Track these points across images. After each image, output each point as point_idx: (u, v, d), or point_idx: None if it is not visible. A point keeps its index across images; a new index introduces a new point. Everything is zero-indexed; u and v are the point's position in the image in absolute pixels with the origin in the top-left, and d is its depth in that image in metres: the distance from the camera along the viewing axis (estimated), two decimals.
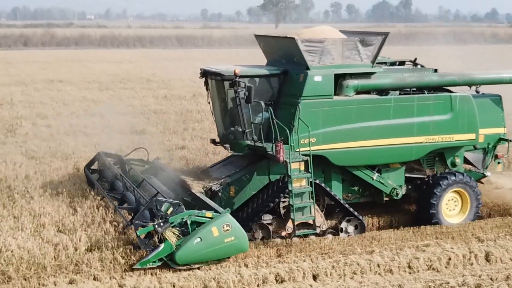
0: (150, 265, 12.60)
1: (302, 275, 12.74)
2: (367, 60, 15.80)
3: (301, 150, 14.84)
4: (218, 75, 15.34)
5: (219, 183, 15.30)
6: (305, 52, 15.15)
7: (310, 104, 15.10)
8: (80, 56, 68.45)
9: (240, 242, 13.12)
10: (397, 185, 16.36)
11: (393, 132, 15.81)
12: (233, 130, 15.59)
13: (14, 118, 29.23)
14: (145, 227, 12.84)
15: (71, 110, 31.22)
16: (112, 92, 38.51)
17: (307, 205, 14.52)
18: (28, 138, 24.53)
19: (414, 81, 16.54)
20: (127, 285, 12.01)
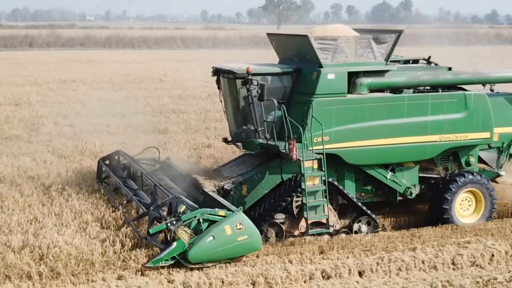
0: (162, 263, 12.42)
1: (348, 272, 12.71)
2: (380, 58, 15.63)
3: (314, 149, 14.67)
4: (230, 73, 15.17)
5: (231, 182, 15.17)
6: (318, 50, 14.98)
7: (323, 102, 14.94)
8: (87, 57, 68.62)
9: (253, 240, 12.92)
10: (411, 185, 16.19)
11: (407, 130, 15.62)
12: (245, 129, 15.44)
13: (34, 117, 29.31)
14: (158, 226, 12.72)
15: (90, 110, 31.19)
16: (127, 92, 38.54)
17: (321, 204, 14.38)
18: (52, 137, 24.54)
19: (428, 79, 16.38)
20: (176, 280, 12.01)
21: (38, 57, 67.98)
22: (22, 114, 30.15)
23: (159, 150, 18.07)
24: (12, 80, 45.08)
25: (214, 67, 15.97)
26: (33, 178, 18.36)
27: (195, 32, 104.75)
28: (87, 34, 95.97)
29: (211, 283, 11.99)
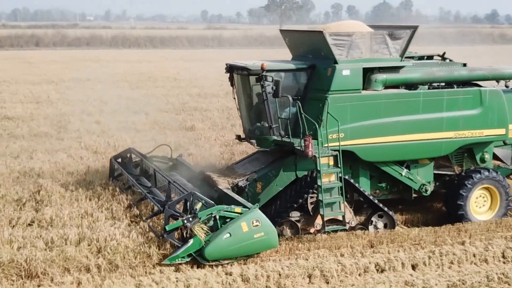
0: (179, 260, 12.32)
1: (401, 265, 12.79)
2: (395, 54, 15.48)
3: (329, 145, 14.52)
4: (244, 70, 15.02)
5: (246, 179, 15.04)
6: (333, 46, 14.81)
7: (338, 98, 14.77)
8: (96, 56, 68.84)
9: (269, 238, 12.81)
10: (426, 181, 16.00)
11: (423, 127, 15.46)
12: (259, 126, 15.30)
13: (58, 115, 29.51)
14: (174, 223, 12.62)
15: (112, 108, 31.39)
16: (145, 91, 38.66)
17: (337, 200, 14.25)
18: (81, 134, 24.73)
19: (444, 75, 16.20)
20: (234, 273, 12.11)
21: (47, 56, 68.17)
22: (45, 112, 30.35)
23: (171, 148, 17.97)
24: (28, 78, 45.32)
25: (228, 64, 15.82)
26: (72, 174, 18.48)
27: (199, 32, 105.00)
28: (93, 34, 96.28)
29: (269, 275, 12.07)
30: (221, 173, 15.92)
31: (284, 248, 13.53)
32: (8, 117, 28.94)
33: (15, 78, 45.20)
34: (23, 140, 23.90)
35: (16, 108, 31.53)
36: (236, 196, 14.09)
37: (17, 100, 34.77)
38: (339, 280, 12.18)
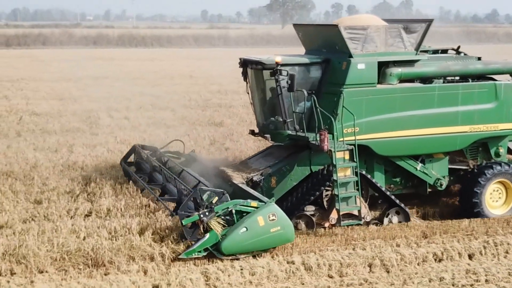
0: (195, 255, 12.20)
1: (458, 254, 12.92)
2: (410, 48, 15.34)
3: (345, 140, 14.36)
4: (259, 64, 14.91)
5: (260, 174, 14.96)
6: (348, 40, 14.67)
7: (353, 92, 14.64)
8: (107, 55, 68.98)
9: (286, 232, 12.68)
10: (441, 176, 15.87)
11: (438, 121, 15.33)
12: (274, 120, 15.21)
13: (85, 111, 29.58)
14: (190, 217, 12.46)
15: (137, 104, 31.54)
16: (165, 88, 38.74)
17: (352, 195, 14.10)
18: (113, 129, 24.93)
19: (459, 69, 16.07)
20: (296, 261, 12.20)
21: (57, 55, 68.41)
22: (72, 108, 30.50)
23: (183, 143, 17.88)
24: (44, 76, 45.56)
25: (242, 58, 15.71)
26: (114, 167, 18.55)
27: (203, 31, 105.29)
28: (100, 33, 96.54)
29: (330, 264, 12.19)
30: (235, 168, 15.84)
31: (340, 239, 13.69)
32: (36, 113, 29.02)
33: (31, 76, 45.41)
34: (56, 135, 24.02)
35: (42, 105, 31.65)
36: (251, 190, 13.99)
37: (40, 97, 34.96)
38: (399, 269, 12.29)
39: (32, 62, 59.23)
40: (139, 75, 46.04)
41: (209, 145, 21.68)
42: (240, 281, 11.55)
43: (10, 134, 24.26)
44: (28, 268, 11.44)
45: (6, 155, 20.29)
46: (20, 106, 31.08)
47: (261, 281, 11.61)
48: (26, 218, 14.06)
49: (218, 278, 11.52)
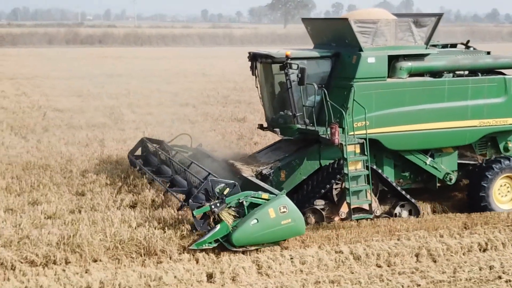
0: (206, 246, 12.13)
1: (502, 245, 13.08)
2: (420, 42, 15.29)
3: (355, 134, 14.31)
4: (268, 58, 14.88)
5: (269, 167, 14.90)
6: (358, 33, 14.61)
7: (364, 86, 14.57)
8: (115, 53, 69.18)
9: (296, 224, 12.58)
10: (450, 170, 15.83)
11: (447, 115, 15.28)
12: (283, 114, 15.17)
13: (106, 107, 29.62)
14: (201, 208, 12.43)
15: (157, 101, 31.62)
16: (180, 85, 38.75)
17: (363, 188, 14.04)
18: (139, 125, 25.03)
19: (468, 63, 16.03)
20: (344, 251, 12.43)
21: (65, 54, 68.51)
22: (93, 104, 30.49)
23: (191, 137, 17.87)
24: (57, 74, 45.58)
25: (251, 52, 15.65)
26: None
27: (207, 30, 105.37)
28: (105, 32, 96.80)
29: (379, 254, 12.38)
30: (244, 161, 15.78)
31: (383, 229, 13.84)
32: (59, 109, 29.04)
33: (45, 74, 45.43)
34: (83, 130, 24.12)
35: (62, 101, 31.63)
36: (261, 183, 13.88)
37: (58, 94, 34.95)
38: (446, 258, 12.47)
39: (41, 60, 59.37)
40: (151, 73, 46.07)
41: (238, 140, 21.78)
42: (291, 270, 11.75)
43: (37, 129, 24.29)
44: (82, 257, 11.61)
45: (39, 149, 20.43)
46: (41, 102, 31.11)
47: (311, 269, 11.80)
48: (72, 209, 14.22)
49: (269, 267, 11.72)
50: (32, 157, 19.10)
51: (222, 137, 21.83)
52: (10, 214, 13.78)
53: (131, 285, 10.80)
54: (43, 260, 11.43)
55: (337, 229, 13.90)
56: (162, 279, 11.04)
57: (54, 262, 11.44)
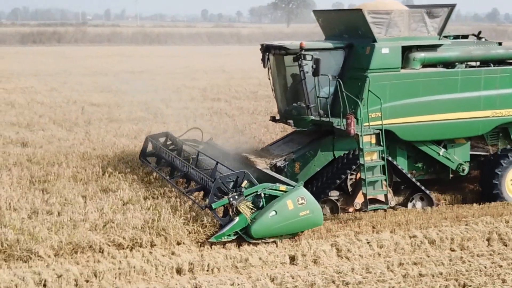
0: (225, 238, 12.05)
1: None
2: (433, 32, 15.18)
3: (370, 125, 14.18)
4: (282, 49, 14.75)
5: (284, 159, 14.81)
6: (372, 24, 14.51)
7: (378, 77, 14.46)
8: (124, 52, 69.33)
9: (314, 215, 12.46)
10: (463, 161, 15.74)
11: (460, 106, 15.20)
12: (296, 106, 15.07)
13: (140, 103, 29.59)
14: (220, 200, 12.31)
15: (189, 96, 31.75)
16: (204, 82, 38.77)
17: (379, 179, 13.92)
18: (179, 118, 24.83)
19: (481, 54, 15.93)
20: (418, 236, 12.66)
21: (79, 52, 68.65)
22: (126, 100, 30.54)
23: (202, 131, 17.81)
24: (79, 71, 45.51)
25: (264, 44, 15.54)
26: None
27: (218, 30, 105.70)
28: (114, 31, 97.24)
29: (452, 238, 12.63)
30: (257, 154, 15.67)
31: (451, 216, 14.15)
32: (94, 104, 29.21)
33: (67, 71, 45.41)
34: (124, 123, 24.17)
35: (95, 97, 31.82)
36: (277, 175, 13.78)
37: (87, 89, 34.98)
38: None
39: (59, 58, 59.40)
40: (172, 70, 46.06)
41: (283, 133, 22.03)
42: (370, 253, 12.00)
43: (79, 122, 24.43)
44: (167, 240, 11.92)
45: (91, 141, 20.60)
46: (74, 98, 31.21)
47: (388, 253, 12.05)
48: (146, 195, 14.34)
49: (349, 250, 11.99)
50: (87, 148, 19.36)
51: (267, 130, 22.06)
52: (87, 200, 14.03)
53: (219, 266, 11.15)
54: (130, 243, 11.76)
55: (405, 215, 14.19)
56: (248, 261, 11.37)
57: (141, 245, 11.77)
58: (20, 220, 12.46)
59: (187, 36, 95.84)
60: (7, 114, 26.50)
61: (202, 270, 11.06)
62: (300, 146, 15.30)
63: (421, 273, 11.12)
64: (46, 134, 21.85)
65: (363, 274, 11.05)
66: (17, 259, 11.08)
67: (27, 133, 22.05)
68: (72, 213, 12.88)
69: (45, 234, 11.66)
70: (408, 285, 10.67)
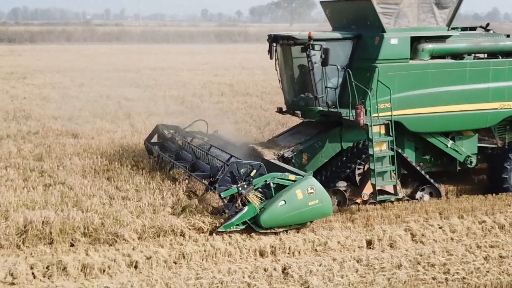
0: (234, 228, 11.91)
1: None
2: (442, 23, 15.06)
3: (379, 115, 14.03)
4: (290, 39, 14.63)
5: (291, 150, 14.68)
6: (381, 14, 14.38)
7: (386, 68, 14.30)
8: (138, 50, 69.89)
9: (324, 205, 12.30)
10: (471, 153, 15.61)
11: (469, 97, 15.04)
12: (304, 97, 14.92)
13: (172, 97, 29.96)
14: (229, 190, 12.17)
15: (218, 91, 32.30)
16: (228, 78, 39.07)
17: (388, 170, 13.78)
18: (218, 112, 25.35)
19: (489, 45, 15.78)
20: (487, 221, 13.08)
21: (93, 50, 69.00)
22: (158, 94, 30.95)
23: (207, 123, 17.69)
24: (100, 68, 45.69)
25: (272, 34, 15.46)
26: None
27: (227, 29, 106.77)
28: (122, 30, 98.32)
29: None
30: (264, 145, 15.55)
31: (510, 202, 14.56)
32: (129, 98, 29.28)
33: (89, 68, 45.44)
34: (164, 116, 24.01)
35: (125, 91, 31.78)
36: (285, 165, 13.63)
37: (115, 84, 34.99)
38: None
39: (74, 55, 59.64)
40: (191, 67, 46.32)
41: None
42: (443, 238, 12.36)
43: (119, 115, 24.49)
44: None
45: (141, 133, 20.73)
46: (107, 93, 31.23)
47: (461, 237, 12.43)
48: None
49: (423, 235, 12.34)
50: (139, 139, 19.43)
51: None
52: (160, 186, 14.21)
53: (300, 249, 11.53)
54: (209, 227, 12.07)
55: (469, 201, 14.54)
56: (327, 244, 11.74)
57: None
58: (101, 205, 12.81)
59: (196, 35, 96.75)
60: (46, 108, 26.55)
61: (283, 252, 11.40)
62: (308, 137, 15.16)
63: (501, 255, 11.47)
64: (94, 127, 22.14)
65: (446, 256, 11.38)
66: (103, 242, 11.44)
67: (73, 126, 22.31)
68: (149, 199, 13.22)
69: (129, 218, 12.03)
70: (492, 265, 11.02)
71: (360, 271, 10.75)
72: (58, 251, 11.04)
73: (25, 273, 10.15)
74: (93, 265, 10.47)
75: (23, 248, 11.15)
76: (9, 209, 12.42)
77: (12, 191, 13.77)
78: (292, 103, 15.48)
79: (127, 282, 10.10)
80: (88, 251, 11.12)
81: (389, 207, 14.10)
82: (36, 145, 19.19)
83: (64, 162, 16.76)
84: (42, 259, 10.62)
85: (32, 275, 10.20)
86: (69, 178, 15.02)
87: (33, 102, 28.57)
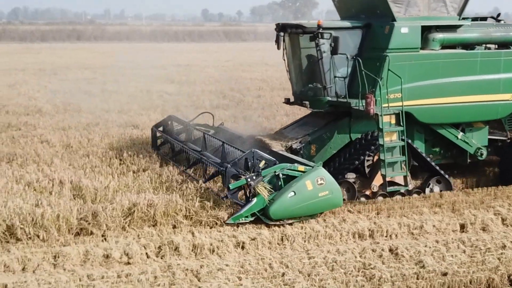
0: (242, 220, 11.56)
1: None
2: (453, 13, 14.67)
3: (389, 106, 13.62)
4: (299, 28, 14.21)
5: (299, 142, 14.33)
6: (391, 3, 13.98)
7: (397, 57, 13.86)
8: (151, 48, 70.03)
9: (334, 196, 11.93)
10: (481, 145, 15.20)
11: (480, 88, 14.62)
12: (312, 87, 14.58)
13: (211, 92, 29.99)
14: (238, 181, 11.84)
15: (256, 86, 32.52)
16: (249, 74, 39.22)
17: (398, 160, 13.36)
18: (264, 106, 25.73)
19: (500, 36, 15.33)
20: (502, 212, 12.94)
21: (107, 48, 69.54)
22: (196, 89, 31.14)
23: (213, 116, 17.51)
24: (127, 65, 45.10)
25: (280, 23, 15.05)
26: None
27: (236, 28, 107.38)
28: (131, 29, 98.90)
29: None
30: (271, 137, 15.19)
31: None
32: (168, 93, 29.67)
33: (115, 65, 45.04)
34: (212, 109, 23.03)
35: (161, 86, 32.01)
36: (294, 156, 13.29)
37: (148, 80, 34.75)
38: None
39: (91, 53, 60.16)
40: (216, 63, 46.56)
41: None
42: None
43: (167, 109, 24.02)
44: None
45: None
46: (144, 87, 31.15)
47: None
48: None
49: None
50: None
51: None
52: None
53: (397, 232, 11.62)
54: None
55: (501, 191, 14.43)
56: (423, 228, 11.79)
57: None
58: (194, 189, 12.83)
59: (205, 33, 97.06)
60: (92, 101, 26.60)
61: (381, 235, 11.47)
62: (316, 128, 14.81)
63: None
64: (150, 118, 22.18)
65: None
66: (204, 224, 11.57)
67: (129, 118, 22.54)
68: None
69: (227, 201, 12.09)
70: None
71: (467, 252, 10.83)
72: (164, 233, 11.18)
73: (140, 253, 10.32)
74: (203, 245, 10.62)
75: (129, 230, 11.32)
76: (107, 193, 12.66)
77: (103, 177, 13.89)
78: (300, 94, 15.14)
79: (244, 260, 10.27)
80: (194, 232, 11.24)
81: (470, 193, 14.23)
82: (102, 135, 19.41)
83: (139, 151, 16.82)
84: (152, 239, 10.81)
85: (146, 255, 10.38)
86: (151, 165, 15.20)
87: (76, 96, 28.42)
